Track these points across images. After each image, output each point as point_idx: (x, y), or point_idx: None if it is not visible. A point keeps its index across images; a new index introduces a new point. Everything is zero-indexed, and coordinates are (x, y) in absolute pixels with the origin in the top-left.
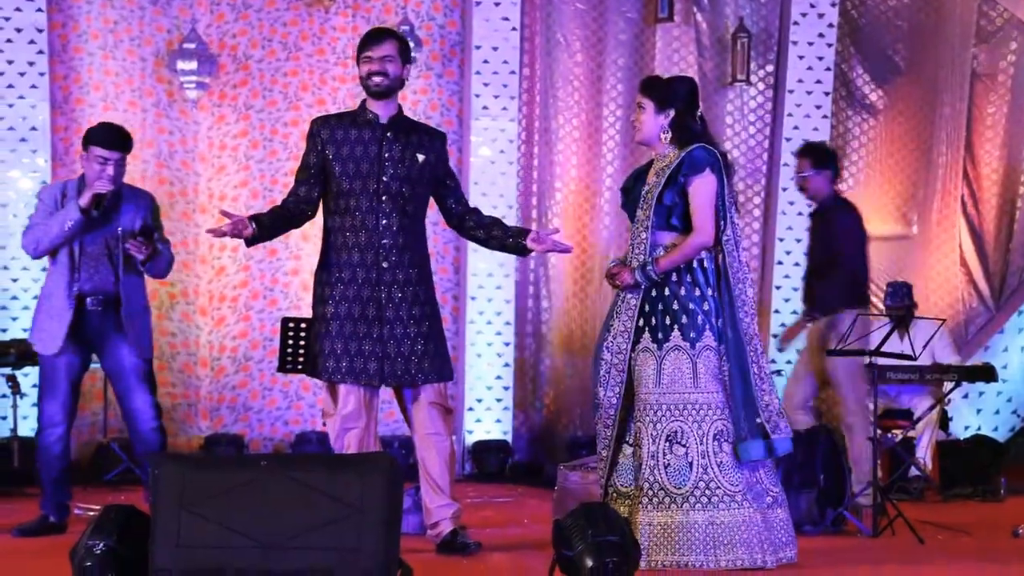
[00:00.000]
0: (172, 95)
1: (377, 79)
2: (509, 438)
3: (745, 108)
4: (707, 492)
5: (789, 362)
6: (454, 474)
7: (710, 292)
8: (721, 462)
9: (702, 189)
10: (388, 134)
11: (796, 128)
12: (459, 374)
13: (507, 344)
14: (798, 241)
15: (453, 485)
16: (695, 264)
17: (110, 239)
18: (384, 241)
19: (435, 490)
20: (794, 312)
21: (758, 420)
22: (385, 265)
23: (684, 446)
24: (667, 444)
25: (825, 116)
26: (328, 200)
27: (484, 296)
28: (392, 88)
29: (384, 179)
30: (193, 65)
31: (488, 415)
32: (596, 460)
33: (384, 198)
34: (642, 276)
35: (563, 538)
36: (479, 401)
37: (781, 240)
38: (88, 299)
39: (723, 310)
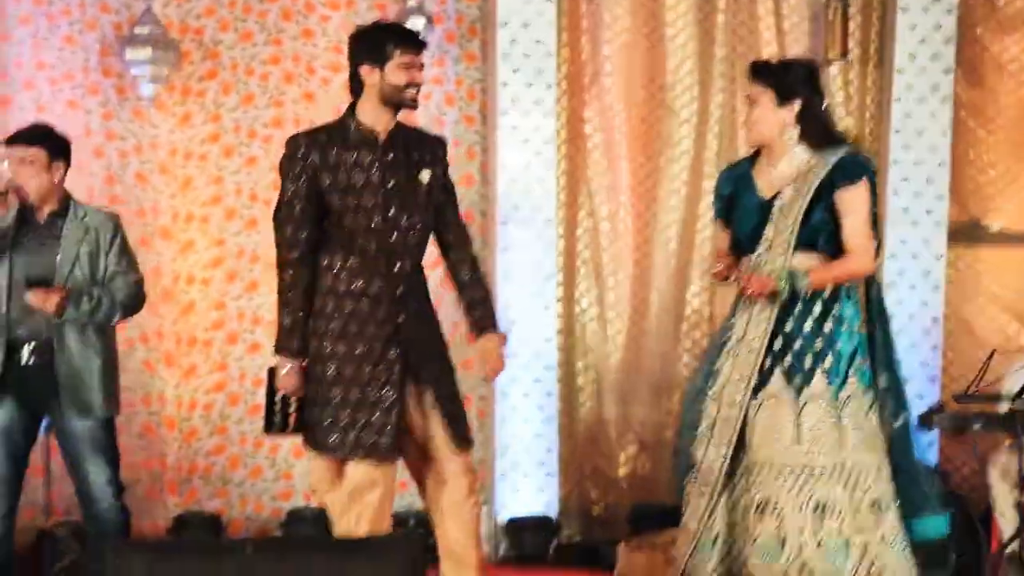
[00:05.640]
0: (123, 92)
1: (415, 91)
2: (554, 512)
3: (842, 93)
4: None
5: None
6: (481, 547)
7: (856, 326)
8: (883, 536)
9: (859, 203)
10: (389, 155)
11: (908, 116)
12: (489, 433)
13: (549, 394)
14: (914, 257)
15: (482, 564)
16: (843, 294)
17: (49, 273)
18: (400, 289)
19: (456, 568)
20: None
21: (938, 490)
22: (402, 319)
23: (838, 519)
24: (817, 516)
25: (945, 99)
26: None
27: (518, 333)
28: None
29: (391, 213)
30: (147, 54)
31: (527, 484)
32: (678, 534)
33: (395, 236)
34: (787, 288)
35: None
36: (515, 467)
37: (892, 256)
38: (23, 348)
39: (876, 351)
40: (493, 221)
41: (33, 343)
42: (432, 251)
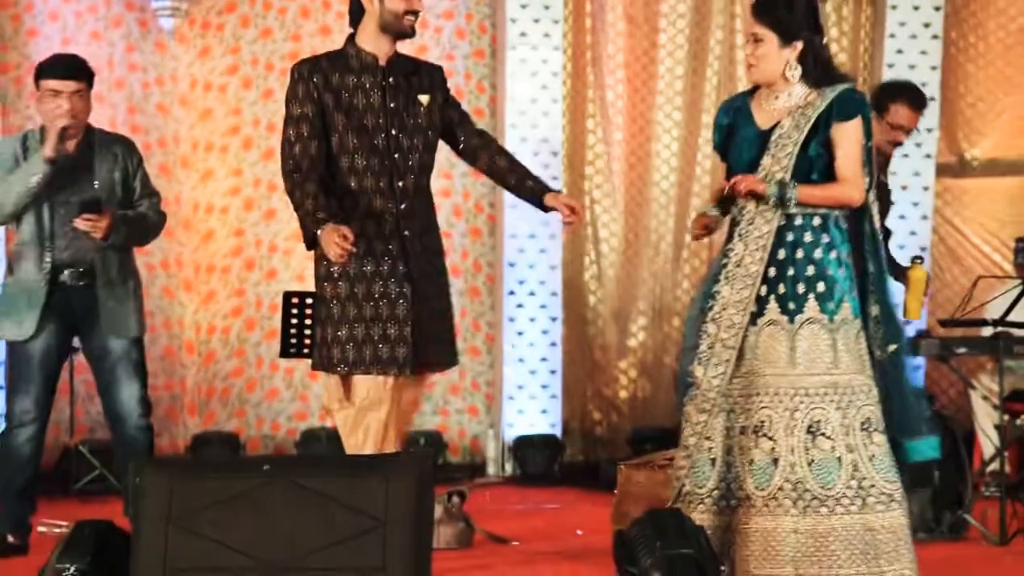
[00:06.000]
0: (145, 25)
1: (413, 18)
2: (558, 431)
3: (836, 29)
4: (860, 492)
5: None
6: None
7: (845, 255)
8: (873, 455)
9: (852, 138)
10: (390, 79)
11: (900, 52)
12: (497, 356)
13: (554, 319)
14: (904, 189)
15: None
16: (831, 223)
17: (86, 199)
18: (403, 206)
19: None
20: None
21: (929, 413)
22: (407, 234)
23: (830, 438)
24: (809, 436)
25: (936, 36)
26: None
27: (525, 261)
28: None
29: (393, 132)
30: None
31: (532, 405)
32: (676, 453)
33: (396, 156)
34: (777, 192)
35: (626, 552)
36: (521, 388)
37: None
38: (65, 271)
39: (867, 282)
40: None
41: (75, 267)
42: (438, 185)
